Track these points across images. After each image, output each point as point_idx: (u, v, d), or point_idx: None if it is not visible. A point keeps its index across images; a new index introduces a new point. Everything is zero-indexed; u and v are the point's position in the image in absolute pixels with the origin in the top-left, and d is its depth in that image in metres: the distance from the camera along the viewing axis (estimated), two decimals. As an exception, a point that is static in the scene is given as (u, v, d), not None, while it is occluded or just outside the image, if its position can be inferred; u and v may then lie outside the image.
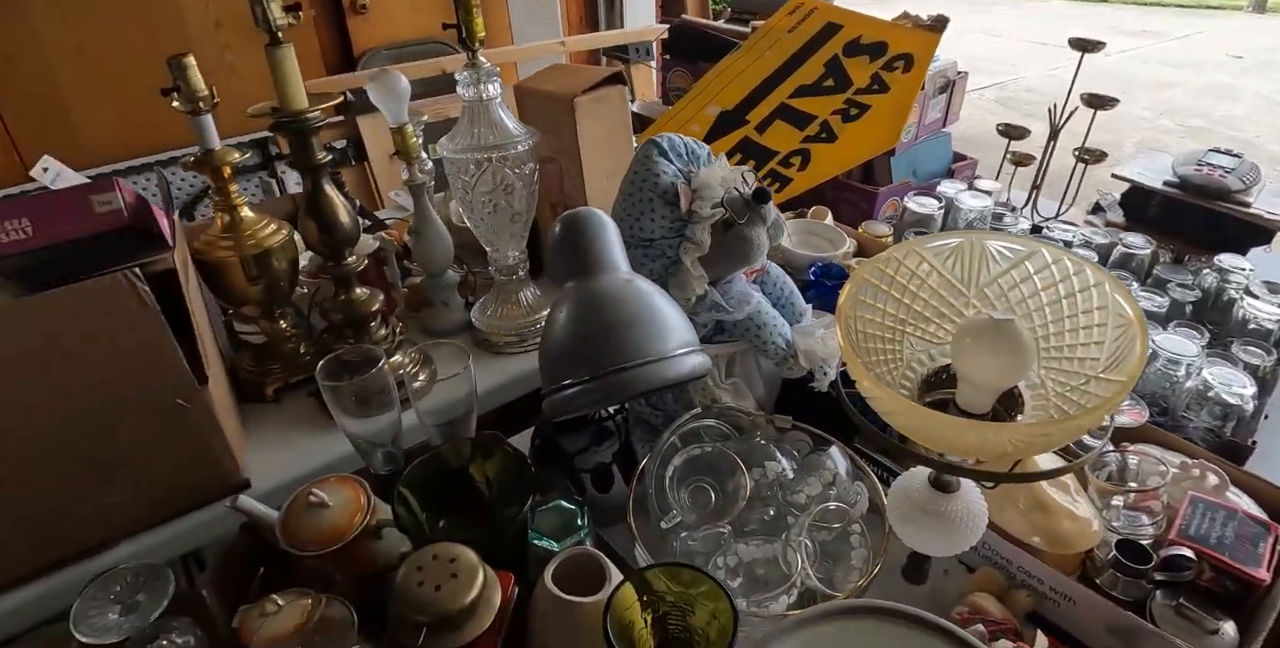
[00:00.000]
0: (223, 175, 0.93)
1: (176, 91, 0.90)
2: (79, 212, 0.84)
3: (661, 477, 0.69)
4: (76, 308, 0.67)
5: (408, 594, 0.50)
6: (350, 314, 0.90)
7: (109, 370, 0.69)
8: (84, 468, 0.71)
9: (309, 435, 0.89)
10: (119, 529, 0.75)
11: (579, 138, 1.05)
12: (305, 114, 0.85)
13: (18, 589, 0.70)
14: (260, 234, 0.93)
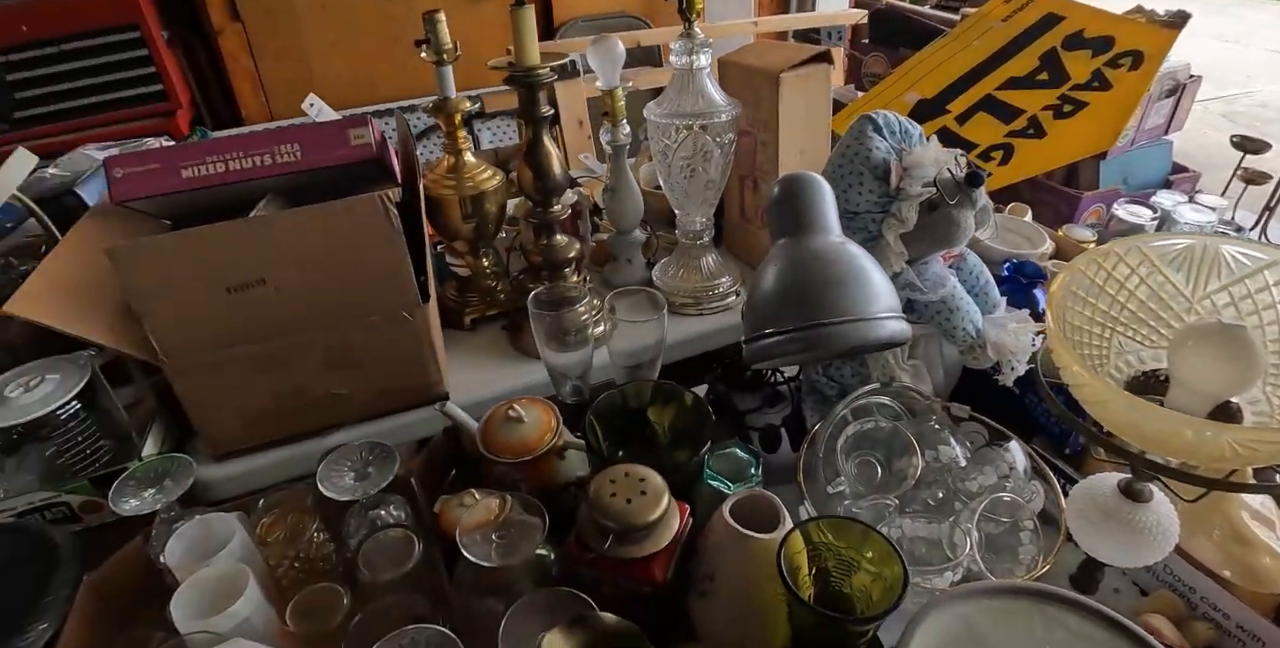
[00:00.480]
0: (454, 121, 1.02)
1: (426, 44, 1.00)
2: (338, 142, 0.96)
3: (832, 445, 0.71)
4: (337, 221, 0.77)
5: (601, 502, 0.55)
6: (550, 257, 0.97)
7: (354, 278, 0.80)
8: (322, 359, 0.82)
9: (498, 363, 0.98)
10: (344, 416, 0.86)
11: (779, 112, 1.07)
12: (536, 70, 0.92)
13: (270, 450, 0.84)
14: (479, 177, 1.02)
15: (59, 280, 0.81)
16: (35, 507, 0.78)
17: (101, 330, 0.78)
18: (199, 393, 0.81)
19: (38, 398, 0.78)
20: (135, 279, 0.74)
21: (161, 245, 0.74)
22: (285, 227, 0.76)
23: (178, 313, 0.76)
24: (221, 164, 0.94)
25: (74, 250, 0.87)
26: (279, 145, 0.95)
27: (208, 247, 0.75)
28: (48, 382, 0.80)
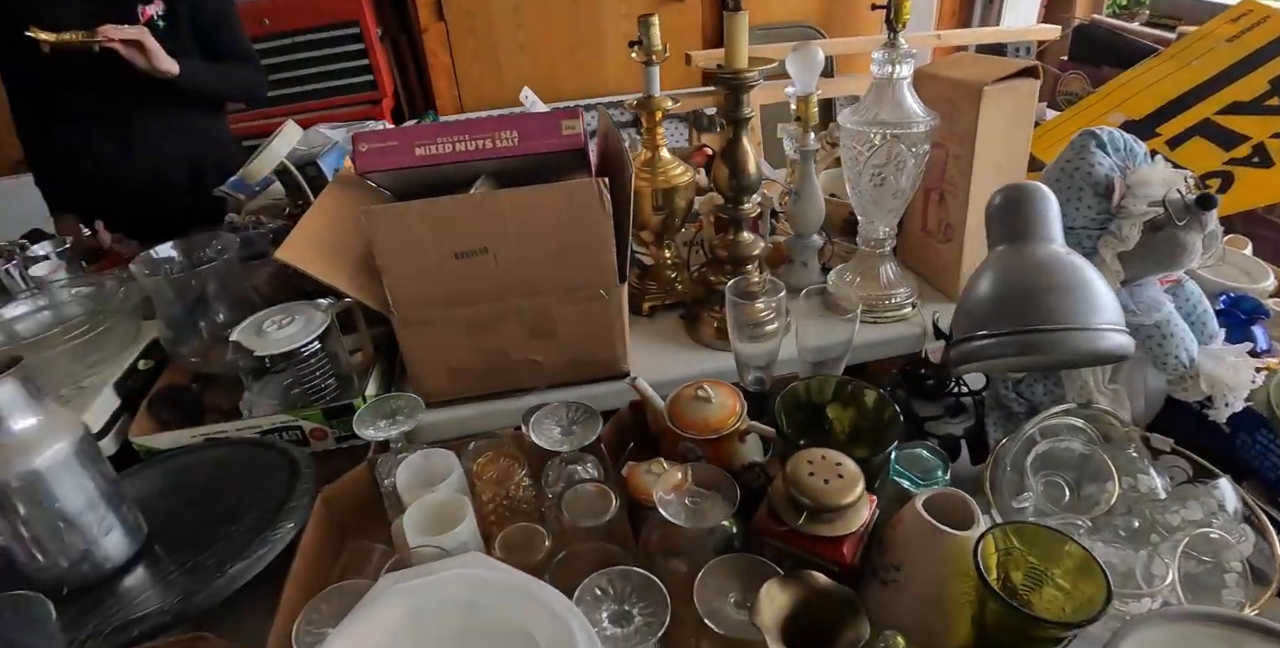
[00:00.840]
0: (654, 118, 1.08)
1: (638, 45, 1.06)
2: (551, 131, 1.04)
3: (1019, 462, 0.70)
4: (557, 201, 0.84)
5: (799, 479, 0.58)
6: (736, 253, 1.01)
7: (563, 254, 0.87)
8: (525, 327, 0.90)
9: (674, 350, 1.03)
10: (536, 380, 0.94)
11: (978, 126, 1.05)
12: (744, 73, 0.96)
13: (468, 404, 0.93)
14: (671, 172, 1.08)
15: (313, 236, 0.93)
16: (275, 427, 0.90)
17: (345, 282, 0.89)
18: (418, 346, 0.90)
19: (287, 335, 0.90)
20: (382, 238, 0.84)
21: (409, 211, 0.84)
22: (513, 202, 0.84)
23: (412, 272, 0.86)
24: (449, 144, 1.04)
25: (323, 212, 0.99)
26: (499, 131, 1.03)
27: (446, 215, 0.84)
28: (296, 322, 0.92)
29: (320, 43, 2.36)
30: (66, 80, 1.48)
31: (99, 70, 1.41)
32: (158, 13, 1.48)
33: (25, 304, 1.07)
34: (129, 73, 1.41)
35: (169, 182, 1.61)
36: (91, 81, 1.48)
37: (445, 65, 2.50)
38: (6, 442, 0.65)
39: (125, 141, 1.56)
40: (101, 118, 1.53)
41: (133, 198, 1.58)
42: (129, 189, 1.59)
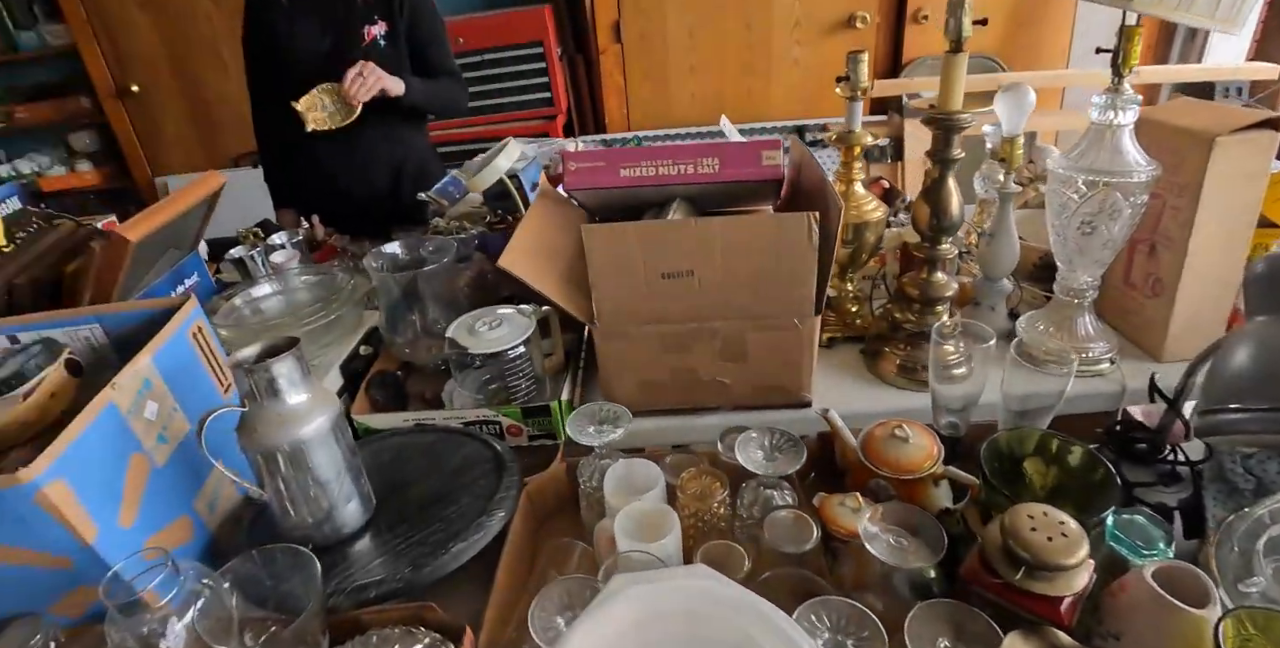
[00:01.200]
0: (853, 152, 1.09)
1: (845, 80, 1.08)
2: (752, 160, 1.07)
3: (1247, 545, 0.66)
4: (766, 231, 0.87)
5: (1019, 534, 0.58)
6: (927, 293, 1.00)
7: (764, 282, 0.90)
8: (717, 349, 0.94)
9: (854, 383, 1.03)
10: (720, 401, 0.98)
11: (1205, 179, 1.00)
12: (958, 115, 0.96)
13: (653, 417, 0.98)
14: (864, 207, 1.09)
15: (525, 247, 1.00)
16: (477, 420, 0.98)
17: (553, 291, 0.96)
18: (614, 357, 0.96)
19: (497, 336, 0.98)
20: (597, 255, 0.90)
21: (626, 231, 0.89)
22: (724, 229, 0.88)
23: (619, 288, 0.91)
24: (653, 168, 1.10)
25: (532, 224, 1.07)
26: (701, 158, 1.08)
27: (659, 238, 0.89)
28: (504, 325, 1.00)
29: (506, 61, 2.53)
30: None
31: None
32: (380, 32, 1.65)
33: (266, 287, 1.22)
34: (375, 97, 1.59)
35: (376, 185, 1.78)
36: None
37: (618, 85, 2.62)
38: (283, 412, 0.75)
39: (344, 149, 1.73)
40: (345, 134, 1.68)
41: (344, 198, 1.76)
42: (342, 190, 1.77)
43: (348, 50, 1.63)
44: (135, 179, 3.04)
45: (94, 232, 1.17)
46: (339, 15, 1.62)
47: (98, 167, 3.09)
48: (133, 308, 0.93)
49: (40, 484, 0.66)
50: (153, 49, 2.76)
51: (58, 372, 0.90)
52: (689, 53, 2.56)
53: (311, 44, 1.63)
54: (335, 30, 1.63)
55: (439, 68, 1.75)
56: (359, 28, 1.63)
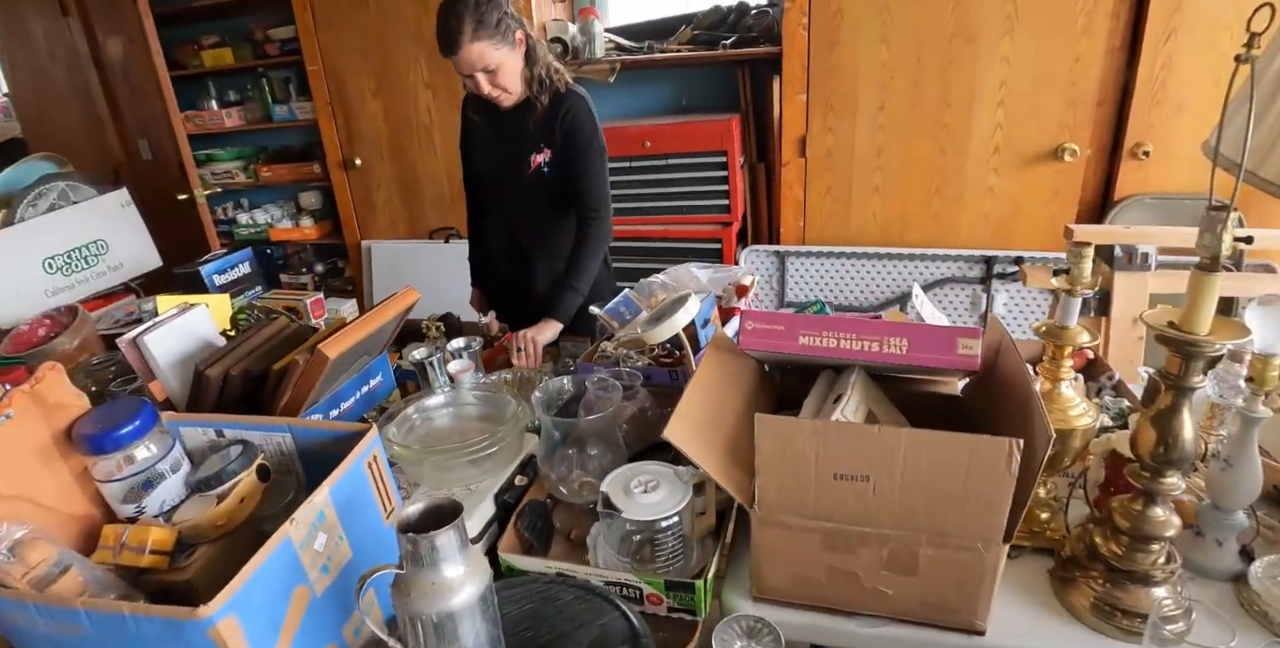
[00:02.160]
0: (1062, 351, 0.99)
1: (1065, 274, 0.99)
2: (946, 347, 1.00)
3: None
4: (958, 452, 0.80)
5: None
6: (1139, 528, 0.87)
7: (948, 501, 0.82)
8: (884, 558, 0.86)
9: (1039, 612, 0.91)
10: (876, 609, 0.90)
11: None
12: (1203, 340, 0.83)
13: (799, 610, 0.92)
14: (1070, 412, 0.98)
15: (692, 412, 0.98)
16: (618, 582, 0.95)
17: (715, 467, 0.93)
18: (771, 545, 0.91)
19: (652, 502, 0.96)
20: (767, 446, 0.86)
21: (801, 429, 0.85)
22: (910, 442, 0.81)
23: (786, 480, 0.87)
24: (834, 340, 1.05)
25: (703, 382, 1.05)
26: (889, 337, 1.03)
27: (836, 438, 0.84)
28: (661, 488, 0.98)
29: (688, 166, 2.60)
30: (493, 206, 1.83)
31: (516, 209, 1.75)
32: (544, 161, 1.73)
33: (440, 397, 1.27)
34: (539, 211, 1.73)
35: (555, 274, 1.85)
36: (506, 216, 1.81)
37: (796, 198, 2.61)
38: (436, 581, 0.75)
39: (527, 257, 1.84)
40: (514, 238, 1.83)
41: (524, 299, 1.85)
42: (523, 291, 1.87)
43: (514, 176, 1.73)
44: (345, 238, 3.38)
45: (303, 329, 1.29)
46: (511, 141, 1.72)
47: (317, 223, 3.49)
48: (321, 426, 1.00)
49: (215, 620, 0.69)
50: (377, 129, 3.10)
51: (250, 477, 0.97)
52: (875, 172, 2.52)
53: (490, 163, 1.78)
54: (507, 155, 1.73)
55: (587, 199, 1.72)
56: (526, 155, 1.70)
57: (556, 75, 1.67)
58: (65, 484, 0.95)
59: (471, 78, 1.57)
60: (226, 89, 3.56)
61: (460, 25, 1.48)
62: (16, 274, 1.90)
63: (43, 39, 3.50)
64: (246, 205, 3.69)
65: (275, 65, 3.32)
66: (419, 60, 2.91)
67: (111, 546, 0.90)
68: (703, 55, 2.62)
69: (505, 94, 1.62)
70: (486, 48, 1.51)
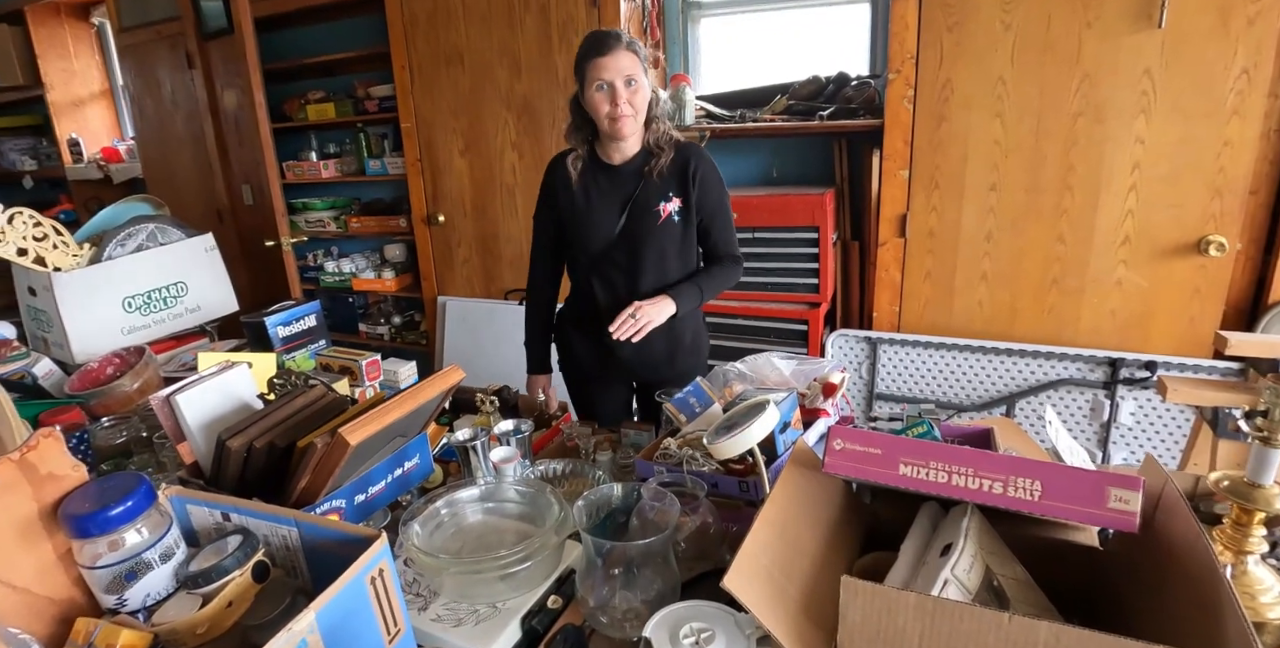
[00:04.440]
0: (1252, 517, 0.77)
1: (1259, 417, 0.78)
2: (1092, 498, 0.79)
3: None
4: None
5: None
6: None
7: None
8: None
9: None
10: None
11: None
12: None
13: None
14: (1260, 598, 0.75)
15: (760, 552, 0.80)
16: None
17: (783, 628, 0.74)
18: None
19: (702, 663, 0.77)
20: (856, 618, 0.68)
21: (900, 602, 0.66)
22: (1051, 639, 0.61)
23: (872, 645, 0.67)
24: (944, 474, 0.86)
25: (777, 510, 0.88)
26: (1016, 477, 0.83)
27: (949, 622, 0.64)
28: (718, 640, 0.79)
29: (778, 241, 2.46)
30: (591, 273, 1.72)
31: (636, 262, 1.66)
32: (675, 209, 1.65)
33: (475, 491, 1.13)
34: (665, 262, 1.66)
35: (645, 361, 1.75)
36: (609, 279, 1.70)
37: (893, 281, 2.42)
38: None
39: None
40: (631, 294, 1.67)
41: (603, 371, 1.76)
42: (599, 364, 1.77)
43: (642, 229, 1.64)
44: (423, 293, 3.38)
45: (338, 401, 1.19)
46: (634, 194, 1.64)
47: (399, 275, 3.50)
48: (328, 525, 0.87)
49: None
50: (462, 187, 3.11)
51: (243, 578, 0.85)
52: (983, 258, 2.30)
53: (605, 223, 1.66)
54: (630, 209, 1.65)
55: (720, 246, 1.72)
56: (654, 206, 1.64)
57: (671, 133, 1.66)
58: (46, 564, 0.84)
59: (611, 88, 1.52)
60: (327, 142, 3.68)
61: (618, 38, 1.53)
62: (97, 311, 1.92)
63: (169, 89, 3.75)
64: (335, 254, 3.76)
65: (373, 121, 3.42)
66: (508, 122, 2.92)
67: (80, 644, 0.79)
68: (797, 126, 2.51)
69: (630, 119, 1.55)
70: (636, 62, 1.54)
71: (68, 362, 1.86)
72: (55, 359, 1.85)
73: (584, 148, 1.66)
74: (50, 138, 4.67)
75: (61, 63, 4.56)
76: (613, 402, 1.86)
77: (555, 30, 2.75)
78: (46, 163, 4.82)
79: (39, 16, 4.42)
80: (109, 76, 4.77)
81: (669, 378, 1.65)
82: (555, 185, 1.71)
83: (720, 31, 2.95)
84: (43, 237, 1.89)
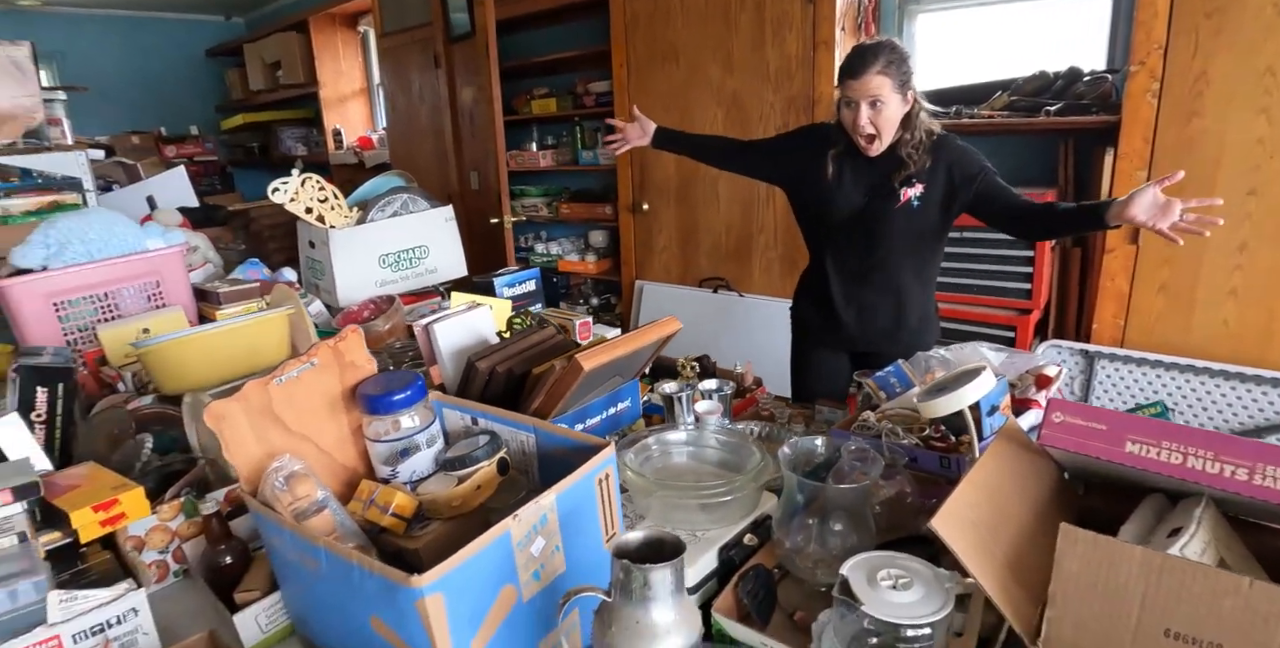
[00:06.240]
0: None
1: None
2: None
3: None
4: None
5: None
6: None
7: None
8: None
9: None
10: None
11: None
12: None
13: None
14: None
15: (966, 507, 0.81)
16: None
17: (992, 580, 0.75)
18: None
19: (902, 601, 0.79)
20: (1072, 568, 0.68)
21: (1125, 554, 0.65)
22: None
23: (1090, 616, 0.67)
24: (1178, 455, 0.82)
25: (984, 476, 0.88)
26: (1265, 465, 0.77)
27: (1178, 581, 0.63)
28: (915, 588, 0.81)
29: (990, 242, 2.35)
30: (826, 245, 1.85)
31: (849, 247, 1.77)
32: (915, 194, 1.70)
33: (682, 434, 1.22)
34: (871, 247, 1.75)
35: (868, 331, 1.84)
36: (841, 253, 1.82)
37: (1119, 292, 2.23)
38: (641, 620, 0.68)
39: (856, 295, 1.82)
40: (852, 273, 1.83)
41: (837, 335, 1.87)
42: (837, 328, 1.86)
43: (880, 211, 1.72)
44: (622, 276, 3.58)
45: (567, 342, 1.33)
46: (879, 178, 1.72)
47: (599, 260, 3.75)
48: (564, 433, 0.99)
49: (424, 593, 0.69)
50: (667, 178, 3.26)
51: (490, 468, 0.99)
52: (1233, 272, 2.06)
53: (848, 202, 1.76)
54: (873, 191, 1.74)
55: (1016, 198, 1.69)
56: (896, 190, 1.71)
57: (926, 138, 1.70)
58: (343, 435, 1.04)
59: (855, 106, 1.63)
60: (546, 134, 4.01)
61: (874, 58, 1.59)
62: (359, 264, 2.25)
63: (417, 86, 4.24)
64: (544, 237, 4.09)
65: (589, 115, 3.68)
66: (716, 116, 3.02)
67: (363, 499, 0.96)
68: (1018, 123, 2.38)
69: (875, 136, 1.66)
70: (886, 83, 1.60)
71: (333, 305, 2.20)
72: (325, 302, 2.19)
73: (845, 138, 1.74)
74: (319, 128, 5.45)
75: (332, 64, 5.32)
76: (829, 373, 1.93)
77: (769, 26, 2.82)
78: (314, 149, 5.63)
79: (319, 25, 5.18)
80: (366, 76, 5.49)
81: (889, 354, 1.69)
82: (806, 161, 1.80)
83: (937, 26, 2.87)
84: (324, 199, 2.25)
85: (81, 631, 0.89)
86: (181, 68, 6.12)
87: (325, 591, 0.82)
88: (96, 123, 5.08)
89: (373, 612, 0.76)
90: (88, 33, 5.54)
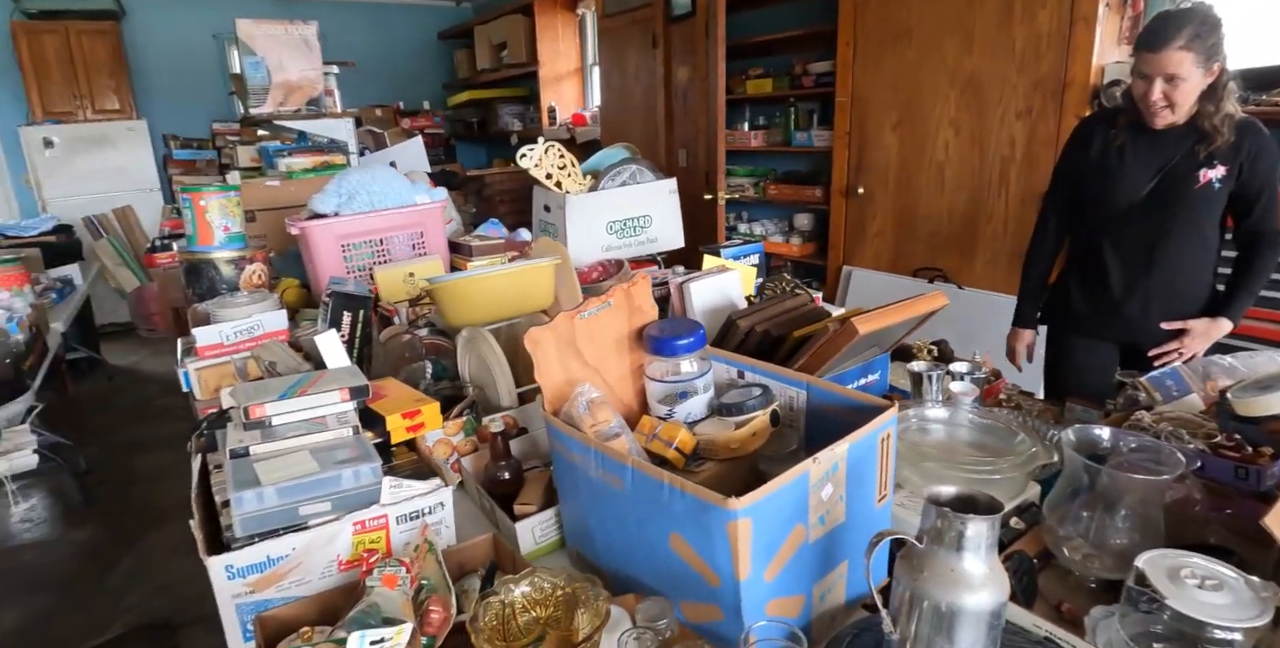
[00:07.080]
0: None
1: None
2: None
3: None
4: None
5: None
6: None
7: None
8: None
9: None
10: None
11: None
12: None
13: None
14: None
15: None
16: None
17: None
18: None
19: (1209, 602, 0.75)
20: None
21: None
22: None
23: None
24: None
25: None
26: None
27: None
28: (1224, 590, 0.76)
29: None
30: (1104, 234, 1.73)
31: (1132, 236, 1.66)
32: (1216, 177, 1.57)
33: (942, 412, 1.20)
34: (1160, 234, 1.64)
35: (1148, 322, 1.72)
36: (1121, 242, 1.70)
37: None
38: (955, 568, 0.69)
39: (1140, 285, 1.71)
40: (1136, 261, 1.70)
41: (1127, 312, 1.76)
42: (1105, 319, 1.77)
43: (1172, 193, 1.61)
44: (828, 260, 3.52)
45: (818, 310, 1.34)
46: (1173, 160, 1.60)
47: (804, 243, 3.71)
48: (840, 392, 1.00)
49: (736, 516, 0.74)
50: (888, 162, 3.15)
51: (764, 417, 1.03)
52: None
53: (1132, 186, 1.64)
54: (1165, 173, 1.61)
55: (1262, 221, 1.62)
56: (1194, 171, 1.58)
57: (1232, 116, 1.57)
58: (625, 373, 1.13)
59: (1148, 80, 1.53)
60: (759, 115, 4.01)
61: (1177, 30, 1.47)
62: (589, 228, 2.38)
63: (633, 65, 4.38)
64: (746, 217, 4.11)
65: (805, 97, 3.62)
66: (949, 98, 2.87)
67: (646, 433, 1.04)
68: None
69: (1167, 111, 1.55)
70: (1186, 58, 1.47)
71: (564, 266, 2.35)
72: (556, 263, 2.35)
73: (1132, 109, 1.63)
74: (535, 105, 5.80)
75: (552, 45, 5.62)
76: (1092, 366, 1.81)
77: (1019, 2, 2.62)
78: (529, 125, 6.00)
79: (543, 8, 5.49)
80: (581, 57, 5.75)
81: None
82: (1078, 146, 1.73)
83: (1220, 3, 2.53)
84: (563, 166, 2.40)
85: (403, 514, 1.03)
86: (417, 48, 6.76)
87: (624, 508, 0.89)
88: (348, 96, 5.73)
89: (674, 530, 0.82)
90: (342, 17, 6.24)
